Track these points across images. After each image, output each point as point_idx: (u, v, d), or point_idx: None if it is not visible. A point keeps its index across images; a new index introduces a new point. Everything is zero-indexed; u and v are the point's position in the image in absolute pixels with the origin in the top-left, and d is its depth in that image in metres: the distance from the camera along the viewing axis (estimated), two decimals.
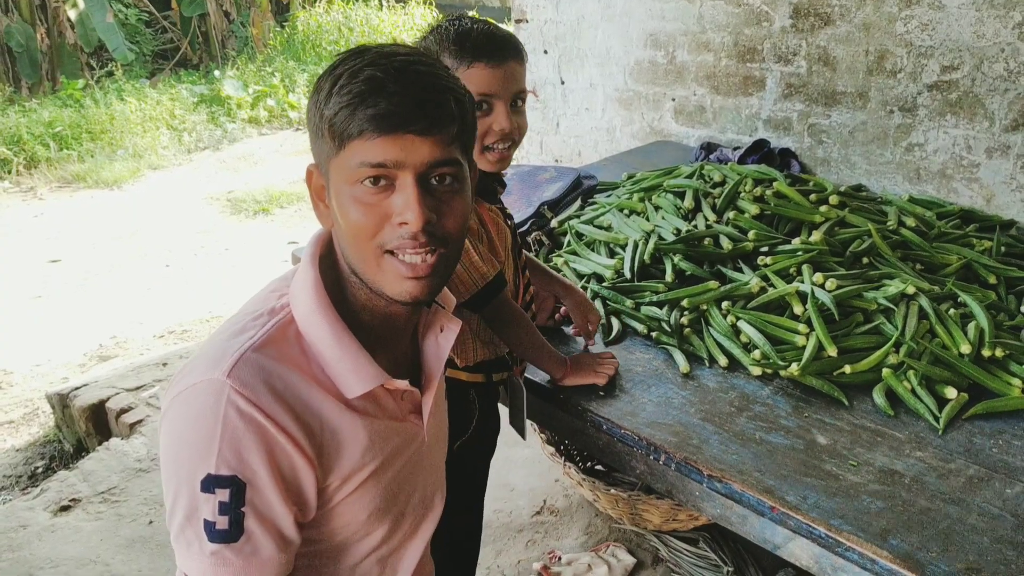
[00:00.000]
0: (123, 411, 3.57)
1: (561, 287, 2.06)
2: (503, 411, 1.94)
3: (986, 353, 1.95)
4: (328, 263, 1.13)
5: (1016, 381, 1.88)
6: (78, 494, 3.12)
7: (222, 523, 0.98)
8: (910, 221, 2.56)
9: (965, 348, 1.95)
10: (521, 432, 1.93)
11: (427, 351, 1.25)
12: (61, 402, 3.76)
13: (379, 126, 0.98)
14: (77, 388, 3.77)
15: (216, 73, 10.51)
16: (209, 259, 5.91)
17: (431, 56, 1.08)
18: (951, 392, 1.84)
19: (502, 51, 1.55)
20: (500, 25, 1.66)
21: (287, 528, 1.03)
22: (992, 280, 2.32)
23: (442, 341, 1.25)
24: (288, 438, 1.00)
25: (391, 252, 1.03)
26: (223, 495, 0.97)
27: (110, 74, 10.12)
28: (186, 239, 6.27)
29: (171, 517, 1.01)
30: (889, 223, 2.54)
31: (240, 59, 11.12)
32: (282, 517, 1.02)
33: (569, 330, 2.11)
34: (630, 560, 2.59)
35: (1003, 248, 2.52)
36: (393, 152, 0.98)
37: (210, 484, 0.97)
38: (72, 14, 10.12)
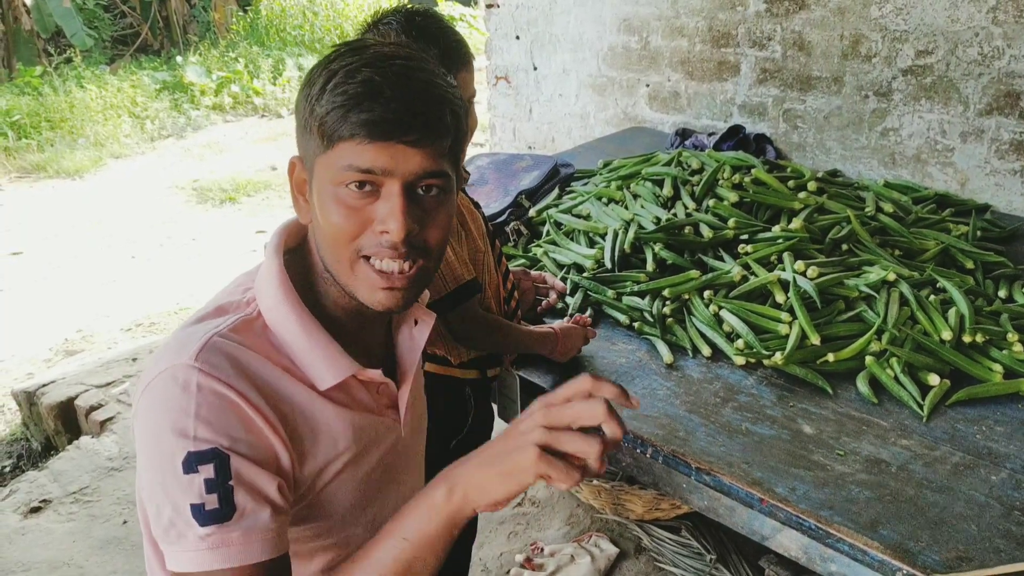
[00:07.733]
0: (93, 408, 3.49)
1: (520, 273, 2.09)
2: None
3: (967, 339, 1.96)
4: (297, 254, 1.11)
5: (997, 367, 1.89)
6: (48, 495, 3.05)
7: (211, 502, 0.93)
8: (887, 207, 2.57)
9: (946, 334, 1.95)
10: None
11: (401, 344, 1.23)
12: (28, 400, 3.67)
13: (371, 132, 0.95)
14: (44, 385, 3.69)
15: (178, 59, 10.31)
16: (176, 249, 5.80)
17: (430, 61, 1.04)
18: (933, 379, 1.85)
19: (450, 65, 1.48)
20: (452, 16, 1.59)
21: (275, 495, 0.98)
22: (969, 265, 2.33)
23: (416, 334, 1.22)
24: (261, 416, 0.97)
25: (366, 257, 1.01)
26: (207, 471, 0.93)
27: (68, 60, 9.88)
28: (151, 229, 6.14)
29: (158, 519, 0.95)
30: (867, 209, 2.54)
31: (202, 45, 10.91)
32: (269, 484, 0.97)
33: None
34: (613, 550, 2.59)
35: (979, 232, 2.54)
36: (382, 160, 0.96)
37: (192, 462, 0.93)
38: None
